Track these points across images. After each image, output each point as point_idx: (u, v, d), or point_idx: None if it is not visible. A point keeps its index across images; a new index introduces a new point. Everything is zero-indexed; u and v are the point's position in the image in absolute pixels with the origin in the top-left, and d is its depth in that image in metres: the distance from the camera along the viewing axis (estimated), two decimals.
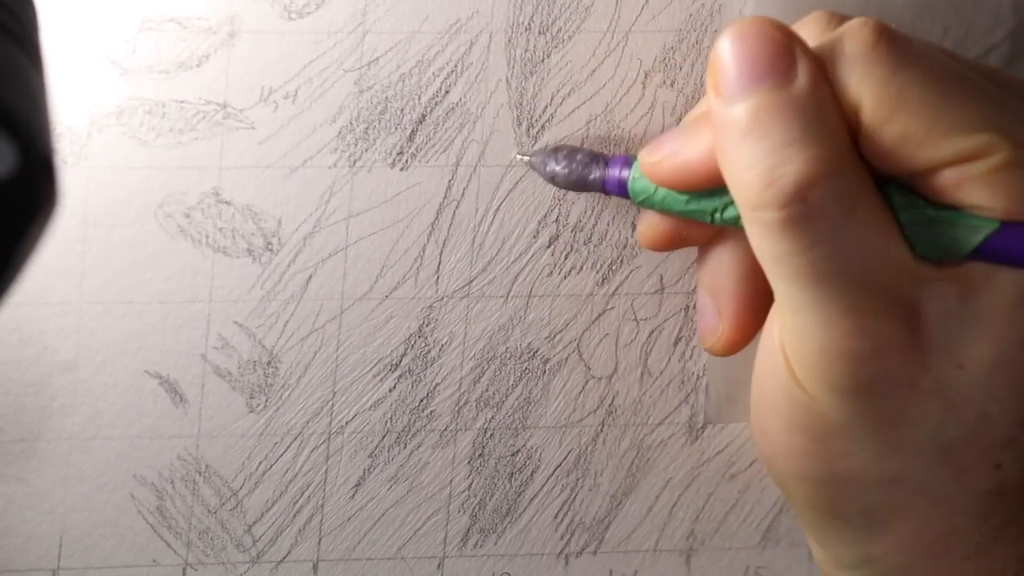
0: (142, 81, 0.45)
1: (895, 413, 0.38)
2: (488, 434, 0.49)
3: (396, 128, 0.47)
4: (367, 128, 0.47)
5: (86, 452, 0.46)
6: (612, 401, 0.49)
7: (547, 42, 0.47)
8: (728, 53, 0.38)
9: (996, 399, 0.38)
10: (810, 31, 0.41)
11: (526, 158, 0.46)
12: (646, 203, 0.43)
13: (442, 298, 0.48)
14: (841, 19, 0.40)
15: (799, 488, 0.41)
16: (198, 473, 0.47)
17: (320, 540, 0.48)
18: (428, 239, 0.47)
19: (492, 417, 0.49)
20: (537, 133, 0.47)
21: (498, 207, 0.48)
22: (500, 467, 0.49)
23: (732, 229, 0.43)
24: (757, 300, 0.44)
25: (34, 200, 0.28)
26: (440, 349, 0.48)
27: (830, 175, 0.37)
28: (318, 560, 0.48)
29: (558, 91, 0.47)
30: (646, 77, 0.48)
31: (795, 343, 0.39)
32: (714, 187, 0.41)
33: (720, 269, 0.45)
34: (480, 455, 0.49)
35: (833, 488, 0.40)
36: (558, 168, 0.45)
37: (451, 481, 0.49)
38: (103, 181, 0.45)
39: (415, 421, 0.49)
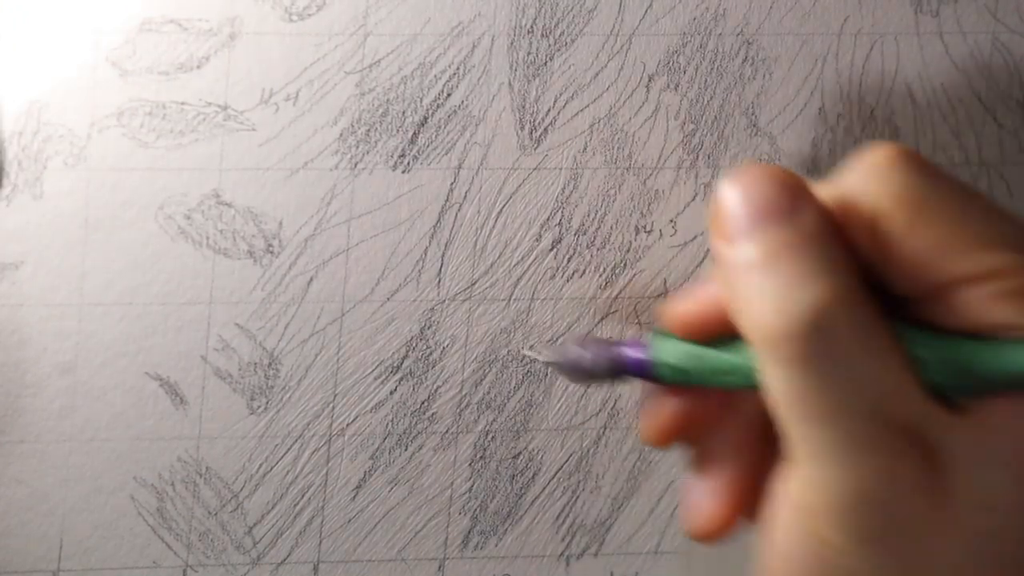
0: (142, 82, 0.45)
1: (922, 559, 0.38)
2: (489, 436, 0.49)
3: (398, 130, 0.46)
4: (368, 130, 0.46)
5: (86, 454, 0.46)
6: (614, 404, 0.49)
7: (550, 45, 0.47)
8: (734, 196, 0.39)
9: None
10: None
11: (539, 356, 0.46)
12: (669, 371, 0.42)
13: (444, 301, 0.48)
14: None
15: None
16: (198, 475, 0.47)
17: (321, 542, 0.48)
18: (430, 242, 0.47)
19: (494, 420, 0.49)
20: (540, 136, 0.47)
21: (501, 210, 0.48)
22: (501, 469, 0.49)
23: (736, 409, 0.43)
24: (752, 477, 0.43)
25: None
26: (442, 352, 0.48)
27: (844, 308, 0.37)
28: (319, 562, 0.48)
29: (561, 94, 0.47)
30: (650, 80, 0.48)
31: (815, 493, 0.38)
32: (726, 331, 0.40)
33: (720, 445, 0.44)
34: (481, 457, 0.49)
35: None
36: (594, 356, 0.42)
37: (452, 483, 0.49)
38: (103, 182, 0.45)
39: (416, 423, 0.48)
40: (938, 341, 0.38)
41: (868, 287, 0.38)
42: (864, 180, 0.38)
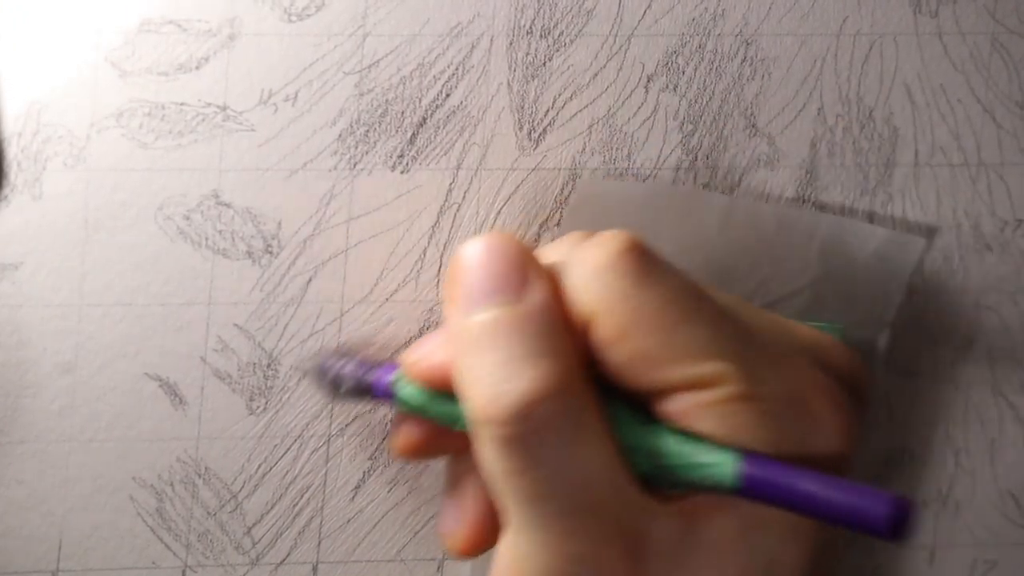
0: (142, 83, 0.45)
1: None
2: None
3: (397, 131, 0.47)
4: (367, 131, 0.46)
5: (86, 454, 0.46)
6: None
7: (549, 46, 0.47)
8: (465, 266, 0.39)
9: None
10: (561, 249, 0.40)
11: (303, 369, 0.46)
12: (409, 408, 0.43)
13: (443, 301, 0.48)
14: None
15: None
16: (198, 475, 0.47)
17: (320, 542, 0.48)
18: (429, 242, 0.47)
19: None
20: (538, 137, 0.47)
21: (499, 210, 0.48)
22: None
23: None
24: (495, 509, 0.43)
25: None
26: None
27: (555, 396, 0.36)
28: (318, 562, 0.48)
29: (560, 95, 0.47)
30: (648, 81, 0.48)
31: (516, 562, 0.38)
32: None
33: (465, 474, 0.44)
34: None
35: None
36: (347, 371, 0.44)
37: None
38: (103, 183, 0.45)
39: None
40: (647, 432, 0.38)
41: (588, 369, 0.38)
42: (582, 280, 0.38)
